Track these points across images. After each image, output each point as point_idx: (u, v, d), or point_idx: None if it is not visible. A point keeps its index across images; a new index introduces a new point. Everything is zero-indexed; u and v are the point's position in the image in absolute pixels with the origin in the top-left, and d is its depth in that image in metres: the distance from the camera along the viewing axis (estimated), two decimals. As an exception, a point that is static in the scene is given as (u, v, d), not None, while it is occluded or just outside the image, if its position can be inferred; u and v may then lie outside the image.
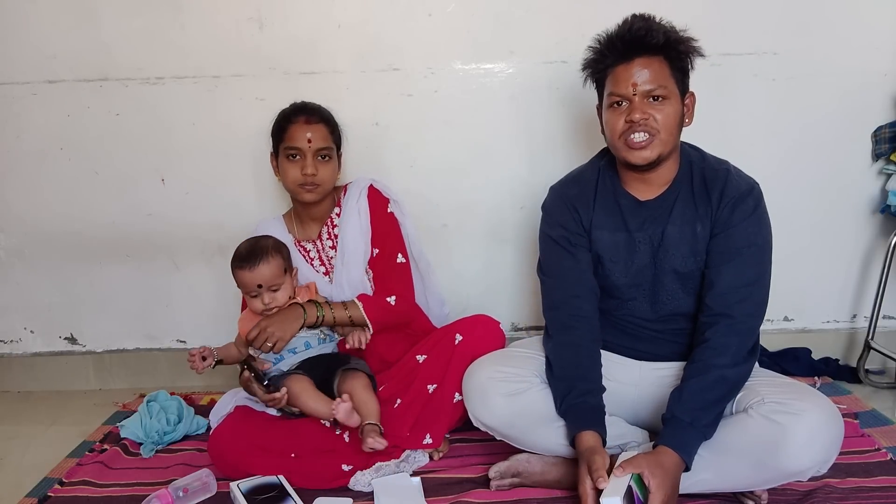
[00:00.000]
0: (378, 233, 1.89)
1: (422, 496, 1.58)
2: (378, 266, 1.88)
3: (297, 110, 1.84)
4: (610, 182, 1.62)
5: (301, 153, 1.79)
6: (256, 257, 1.71)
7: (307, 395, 1.68)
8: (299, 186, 1.81)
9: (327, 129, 1.84)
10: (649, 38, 1.45)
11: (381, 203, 1.91)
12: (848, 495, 1.49)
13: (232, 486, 1.58)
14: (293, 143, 1.80)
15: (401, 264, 1.90)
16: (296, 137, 1.80)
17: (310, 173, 1.78)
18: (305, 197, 1.82)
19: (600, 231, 1.59)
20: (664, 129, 1.47)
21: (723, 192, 1.51)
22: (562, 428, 1.53)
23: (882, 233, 2.20)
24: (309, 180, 1.79)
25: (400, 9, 2.08)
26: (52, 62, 2.14)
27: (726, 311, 1.47)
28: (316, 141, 1.79)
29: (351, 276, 1.86)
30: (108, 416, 2.13)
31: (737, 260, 1.48)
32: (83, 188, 2.24)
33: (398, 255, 1.90)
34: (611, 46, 1.50)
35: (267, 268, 1.72)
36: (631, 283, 1.59)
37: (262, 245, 1.74)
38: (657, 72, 1.46)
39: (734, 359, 1.45)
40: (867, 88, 2.10)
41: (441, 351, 1.72)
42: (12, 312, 2.38)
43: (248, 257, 1.72)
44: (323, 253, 1.92)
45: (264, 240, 1.78)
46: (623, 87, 1.47)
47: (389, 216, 1.91)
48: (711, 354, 1.45)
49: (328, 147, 1.82)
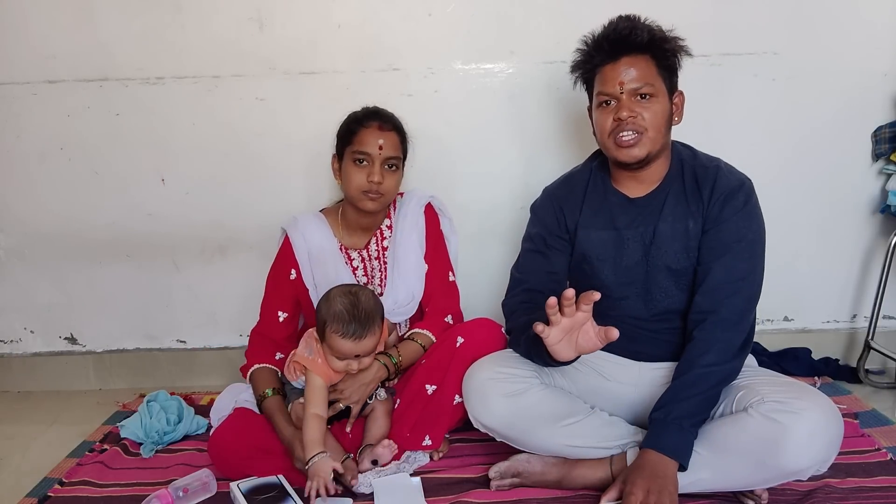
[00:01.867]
0: (430, 249, 1.89)
1: (422, 496, 1.58)
2: (431, 284, 1.89)
3: (371, 115, 1.79)
4: (601, 181, 1.64)
5: (370, 159, 1.74)
6: (365, 329, 1.58)
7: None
8: (363, 193, 1.75)
9: (399, 138, 1.80)
10: (634, 37, 1.48)
11: (437, 221, 1.92)
12: (848, 495, 1.49)
13: (232, 486, 1.57)
14: (363, 148, 1.74)
15: (452, 283, 1.92)
16: (367, 142, 1.74)
17: (376, 181, 1.73)
18: (367, 205, 1.77)
19: (586, 230, 1.61)
20: (652, 127, 1.49)
21: (713, 187, 1.52)
22: (562, 428, 1.53)
23: (882, 233, 2.20)
24: (374, 188, 1.74)
25: (400, 9, 2.08)
26: (52, 62, 2.14)
27: (715, 308, 1.48)
28: (387, 149, 1.75)
29: (403, 293, 1.84)
30: (108, 416, 2.13)
31: (728, 255, 1.50)
32: (83, 188, 2.24)
33: (449, 274, 1.92)
34: (597, 47, 1.53)
35: (373, 340, 1.61)
36: (621, 281, 1.59)
37: (370, 310, 1.59)
38: (643, 70, 1.49)
39: (721, 356, 1.46)
40: (867, 88, 2.10)
41: (442, 353, 1.72)
42: (12, 312, 2.38)
43: (357, 324, 1.57)
44: (368, 263, 1.88)
45: (372, 304, 1.61)
46: (610, 86, 1.50)
47: (440, 233, 1.93)
48: (697, 352, 1.47)
49: (397, 157, 1.78)
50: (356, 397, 1.69)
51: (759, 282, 1.53)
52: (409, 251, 1.87)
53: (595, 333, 1.40)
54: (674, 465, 1.40)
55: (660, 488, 1.36)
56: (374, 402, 1.76)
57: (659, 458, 1.40)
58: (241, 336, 2.34)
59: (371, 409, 1.75)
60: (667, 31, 1.52)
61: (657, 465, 1.40)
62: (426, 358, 1.77)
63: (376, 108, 1.82)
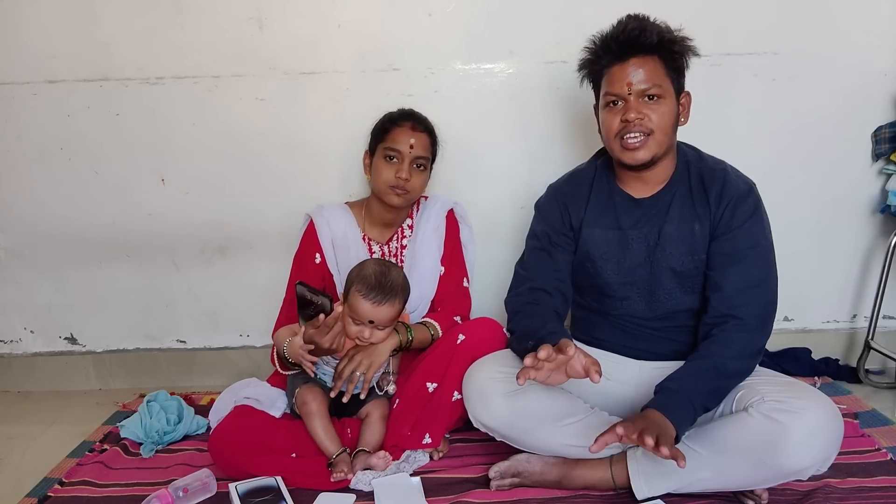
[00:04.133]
0: (447, 253, 1.94)
1: (422, 496, 1.58)
2: (445, 286, 1.93)
3: (406, 115, 1.87)
4: (605, 180, 1.63)
5: (400, 156, 1.81)
6: (387, 295, 1.66)
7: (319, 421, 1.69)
8: (390, 188, 1.82)
9: (429, 140, 1.87)
10: (643, 38, 1.47)
11: (457, 227, 1.98)
12: (848, 495, 1.49)
13: (230, 487, 1.58)
14: (395, 145, 1.82)
15: (465, 289, 1.97)
16: (399, 140, 1.82)
17: (404, 177, 1.80)
18: (393, 200, 1.83)
19: (591, 228, 1.61)
20: (659, 128, 1.49)
21: (721, 192, 1.52)
22: (562, 428, 1.53)
23: (882, 233, 2.20)
24: (401, 184, 1.80)
25: (400, 9, 2.08)
26: (52, 62, 2.14)
27: (734, 313, 1.48)
28: (417, 148, 1.82)
29: (416, 293, 1.86)
30: (109, 416, 2.13)
31: (742, 262, 1.50)
32: (83, 188, 2.24)
33: (464, 280, 1.97)
34: (606, 47, 1.52)
35: (391, 309, 1.67)
36: (624, 281, 1.59)
37: (396, 283, 1.68)
38: (652, 71, 1.48)
39: (739, 352, 1.46)
40: (867, 88, 2.10)
41: (443, 350, 1.73)
42: (12, 312, 2.38)
43: (380, 290, 1.65)
44: (388, 257, 1.93)
45: (401, 279, 1.70)
46: (618, 87, 1.50)
47: (459, 240, 1.98)
48: (717, 348, 1.46)
49: (426, 157, 1.86)
50: (368, 361, 1.69)
51: (775, 286, 1.53)
52: (427, 254, 1.92)
53: (582, 366, 1.34)
54: (673, 431, 1.34)
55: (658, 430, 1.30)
56: (370, 404, 1.76)
57: (662, 420, 1.34)
58: (241, 336, 2.34)
59: (367, 413, 1.75)
60: (675, 30, 1.51)
61: (661, 421, 1.34)
62: (427, 355, 1.77)
63: (412, 110, 1.90)
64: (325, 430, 1.69)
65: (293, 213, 2.01)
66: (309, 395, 1.72)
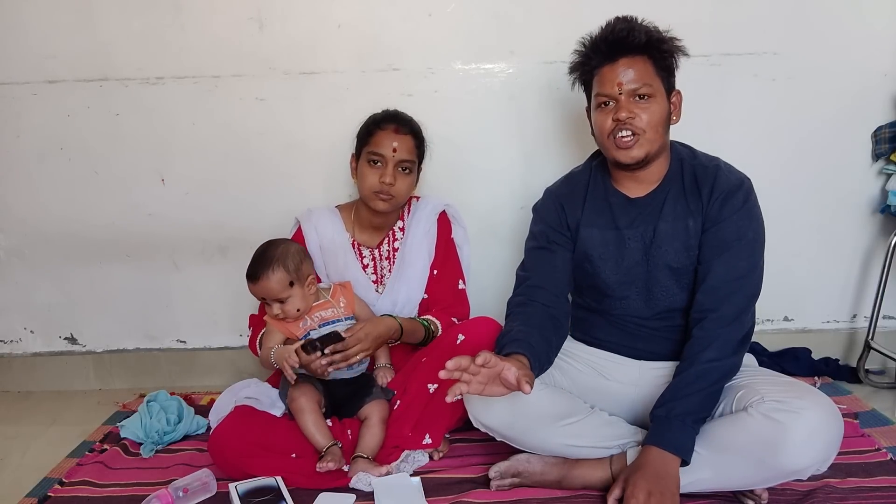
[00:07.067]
0: (440, 256, 1.92)
1: (422, 496, 1.58)
2: (440, 289, 1.92)
3: (389, 118, 1.84)
4: (601, 181, 1.65)
5: (384, 160, 1.79)
6: (257, 271, 1.68)
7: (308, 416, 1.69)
8: (374, 193, 1.80)
9: (414, 142, 1.84)
10: (632, 38, 1.49)
11: (449, 229, 1.95)
12: (848, 495, 1.49)
13: (230, 487, 1.58)
14: (377, 149, 1.79)
15: (462, 291, 1.95)
16: (382, 144, 1.79)
17: (388, 182, 1.78)
18: (378, 205, 1.81)
19: (589, 229, 1.62)
20: (650, 127, 1.50)
21: (713, 187, 1.53)
22: (562, 428, 1.53)
23: (882, 233, 2.20)
24: (385, 189, 1.78)
25: (400, 9, 2.08)
26: (52, 62, 2.14)
27: (715, 306, 1.49)
28: (401, 152, 1.79)
29: (403, 295, 1.87)
30: (109, 416, 2.13)
31: (727, 254, 1.51)
32: (83, 188, 2.24)
33: (459, 282, 1.95)
34: (595, 48, 1.54)
35: (268, 283, 1.68)
36: (622, 280, 1.60)
37: (267, 257, 1.69)
38: (641, 71, 1.50)
39: (721, 351, 1.47)
40: (867, 88, 2.10)
41: (443, 350, 1.72)
42: (12, 312, 2.38)
43: (252, 269, 1.69)
44: (378, 262, 1.92)
45: (272, 249, 1.71)
46: (609, 87, 1.51)
47: (452, 241, 1.95)
48: (697, 349, 1.48)
49: (411, 160, 1.83)
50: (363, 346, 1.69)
51: (759, 280, 1.54)
52: (417, 258, 1.90)
53: (514, 377, 1.32)
54: (676, 462, 1.40)
55: (662, 490, 1.36)
56: (370, 406, 1.75)
57: (661, 456, 1.40)
58: (241, 336, 2.34)
59: (367, 416, 1.75)
60: (664, 31, 1.53)
61: (659, 463, 1.40)
62: (427, 356, 1.78)
63: (396, 112, 1.86)
64: (315, 423, 1.68)
65: (293, 213, 2.00)
66: (298, 391, 1.72)
